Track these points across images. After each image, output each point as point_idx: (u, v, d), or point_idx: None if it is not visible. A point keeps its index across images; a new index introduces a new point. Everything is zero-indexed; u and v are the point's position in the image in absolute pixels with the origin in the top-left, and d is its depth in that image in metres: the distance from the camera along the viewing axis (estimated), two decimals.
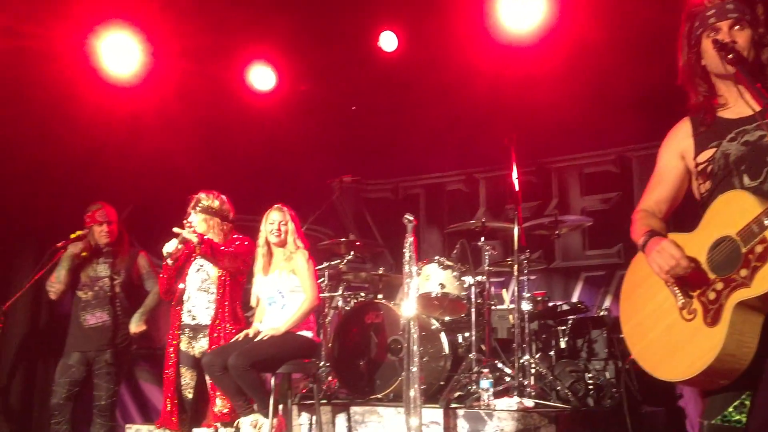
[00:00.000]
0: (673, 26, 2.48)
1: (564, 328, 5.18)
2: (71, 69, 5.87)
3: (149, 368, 6.67)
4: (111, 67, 6.00)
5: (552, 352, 5.15)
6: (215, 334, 4.39)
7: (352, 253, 5.65)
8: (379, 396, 4.85)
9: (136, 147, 6.35)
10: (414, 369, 3.98)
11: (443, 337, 4.97)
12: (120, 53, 5.97)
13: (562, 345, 5.14)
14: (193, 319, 4.52)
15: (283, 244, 4.47)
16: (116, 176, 6.26)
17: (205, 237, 4.30)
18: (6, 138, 5.88)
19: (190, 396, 4.47)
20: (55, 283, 4.76)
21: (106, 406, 4.70)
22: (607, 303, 6.11)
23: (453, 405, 4.41)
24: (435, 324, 5.04)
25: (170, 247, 4.41)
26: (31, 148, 6.01)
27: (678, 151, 2.43)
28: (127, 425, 5.36)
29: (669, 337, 2.23)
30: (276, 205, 4.54)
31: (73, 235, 4.64)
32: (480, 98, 6.29)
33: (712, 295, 2.15)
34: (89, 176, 6.18)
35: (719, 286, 2.14)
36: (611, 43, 5.53)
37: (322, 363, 5.24)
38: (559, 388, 4.56)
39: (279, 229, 4.45)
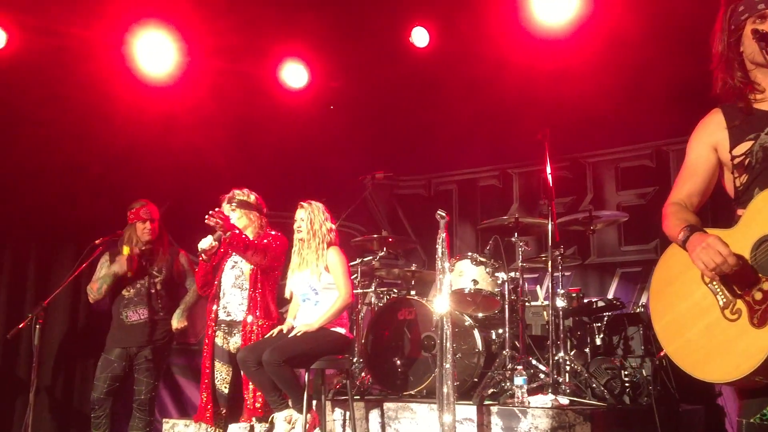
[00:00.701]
0: (711, 17, 2.42)
1: (599, 324, 5.11)
2: (108, 69, 5.97)
3: (186, 363, 6.76)
4: (146, 66, 6.09)
5: (587, 349, 5.09)
6: (248, 330, 4.43)
7: (384, 249, 5.66)
8: (412, 392, 4.85)
9: (170, 145, 6.43)
10: (447, 365, 3.97)
11: (476, 333, 4.95)
12: (155, 53, 6.06)
13: (598, 342, 5.08)
14: (228, 315, 4.57)
15: (310, 240, 4.46)
16: (152, 174, 6.35)
17: (238, 230, 4.33)
18: (45, 137, 6.00)
19: (226, 391, 4.53)
20: (96, 294, 4.85)
21: (146, 400, 4.78)
22: (643, 299, 6.03)
23: (486, 402, 4.39)
24: (468, 320, 5.02)
25: (204, 243, 4.46)
26: (69, 147, 6.13)
27: (710, 143, 2.36)
28: (164, 419, 5.43)
29: (710, 337, 2.17)
30: (300, 203, 4.54)
31: (125, 252, 4.71)
32: (513, 93, 6.24)
33: (758, 296, 2.08)
34: (125, 174, 6.28)
35: (767, 285, 2.07)
36: (647, 35, 5.44)
37: (355, 359, 5.26)
38: (594, 385, 4.50)
39: (301, 227, 4.46)
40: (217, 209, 4.31)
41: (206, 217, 4.18)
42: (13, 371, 6.20)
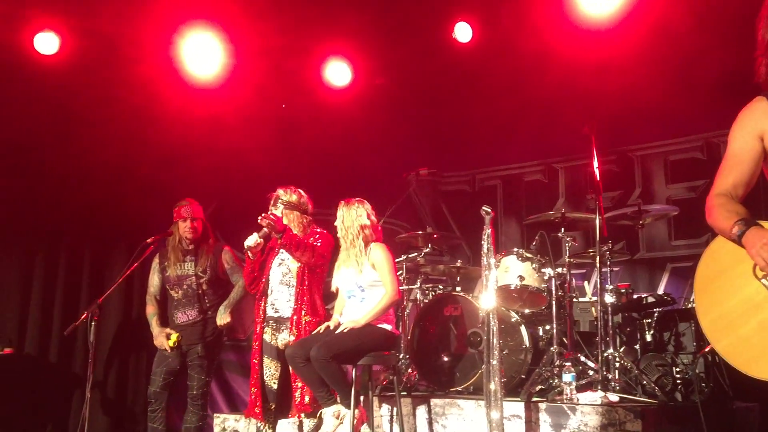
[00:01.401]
0: (761, 4, 2.36)
1: (650, 320, 5.03)
2: (156, 71, 6.10)
3: (235, 359, 6.87)
4: (193, 68, 6.21)
5: (637, 346, 5.01)
6: (295, 327, 4.48)
7: (429, 245, 5.66)
8: (459, 389, 4.85)
9: (216, 145, 6.54)
10: (494, 362, 3.96)
11: (523, 329, 4.92)
12: (202, 55, 6.17)
13: (648, 338, 4.99)
14: (276, 311, 4.63)
15: (345, 238, 4.47)
16: (199, 174, 6.46)
17: (289, 229, 4.38)
18: (97, 138, 6.16)
19: (275, 386, 4.58)
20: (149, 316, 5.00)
21: (198, 395, 4.87)
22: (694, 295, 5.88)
23: (534, 399, 4.36)
24: (515, 317, 4.99)
25: (250, 241, 4.53)
26: (119, 148, 6.28)
27: (756, 131, 2.29)
28: (215, 414, 5.54)
29: (765, 334, 2.11)
30: (341, 202, 4.57)
31: (171, 343, 4.80)
32: (557, 86, 6.18)
33: None
34: (173, 174, 6.40)
35: None
36: (696, 24, 5.32)
37: (401, 355, 5.28)
38: (644, 382, 4.43)
39: (337, 225, 4.49)
40: (269, 213, 4.39)
41: (259, 218, 4.25)
42: (70, 367, 6.39)
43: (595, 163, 4.66)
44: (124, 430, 6.49)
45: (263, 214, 4.25)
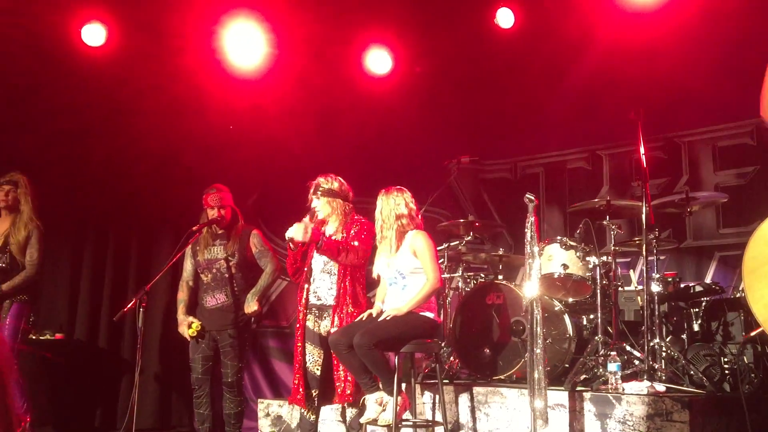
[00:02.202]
0: None
1: (697, 310, 4.93)
2: (199, 62, 6.18)
3: (279, 346, 6.96)
4: (236, 59, 6.27)
5: (684, 335, 4.92)
6: (336, 315, 4.51)
7: (470, 234, 5.63)
8: (501, 377, 4.83)
9: (258, 135, 6.61)
10: (538, 350, 3.93)
11: (567, 318, 4.87)
12: (244, 45, 6.22)
13: (695, 328, 4.90)
14: (318, 299, 4.66)
15: (382, 227, 4.47)
16: (241, 163, 6.54)
17: (324, 228, 4.41)
18: (142, 129, 6.28)
19: (318, 373, 4.62)
20: (179, 301, 5.08)
21: (233, 382, 4.90)
22: (743, 283, 5.75)
23: (579, 388, 4.32)
24: (558, 305, 4.94)
25: (292, 232, 4.57)
26: (165, 138, 6.39)
27: None
28: (260, 400, 5.62)
29: None
30: (381, 191, 4.56)
31: (191, 332, 4.87)
32: (601, 71, 6.08)
33: None
34: (216, 164, 6.49)
35: None
36: (746, 6, 5.17)
37: (443, 343, 5.28)
38: (692, 372, 4.36)
39: (376, 215, 4.50)
40: (310, 215, 4.44)
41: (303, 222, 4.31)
42: (118, 353, 6.56)
43: (642, 150, 4.57)
44: (171, 415, 6.64)
45: (305, 223, 4.32)
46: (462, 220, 5.71)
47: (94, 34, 6.00)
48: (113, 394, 6.46)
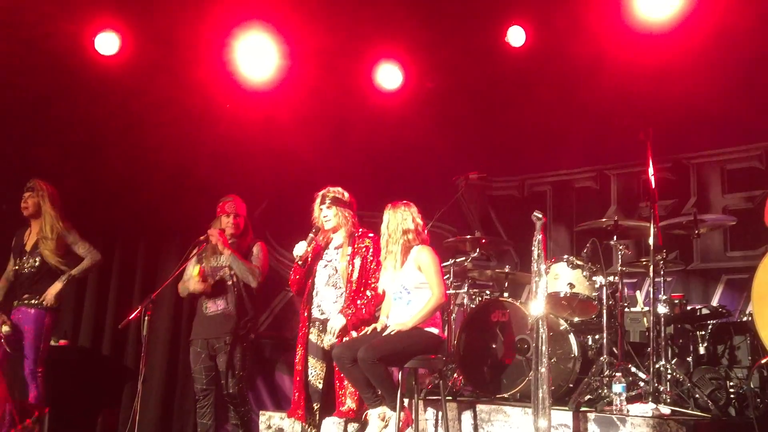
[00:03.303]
0: None
1: (703, 333, 4.90)
2: (211, 74, 6.22)
3: (282, 358, 6.93)
4: (248, 71, 6.31)
5: (690, 358, 4.89)
6: (352, 304, 4.50)
7: (477, 250, 5.62)
8: (505, 395, 4.80)
9: (269, 146, 6.63)
10: (543, 369, 3.91)
11: (572, 338, 4.85)
12: (256, 57, 6.26)
13: (701, 351, 4.87)
14: (322, 313, 4.66)
15: (388, 242, 4.47)
16: (252, 174, 6.56)
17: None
18: (155, 141, 6.32)
19: (320, 386, 4.61)
20: (181, 294, 5.09)
21: (234, 393, 4.88)
22: (751, 308, 5.72)
23: (583, 408, 4.29)
24: (563, 324, 4.92)
25: (299, 250, 4.59)
26: (176, 149, 6.43)
27: None
28: (261, 412, 5.60)
29: None
30: (388, 205, 4.57)
31: (195, 273, 4.87)
32: (612, 91, 6.08)
33: None
34: (228, 174, 6.52)
35: None
36: (757, 27, 5.17)
37: (447, 359, 5.25)
38: (697, 395, 4.32)
39: (382, 229, 4.50)
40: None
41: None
42: (122, 360, 6.55)
43: (651, 171, 4.56)
44: (172, 425, 6.62)
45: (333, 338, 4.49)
46: (469, 237, 5.70)
47: (107, 43, 6.05)
48: (115, 402, 6.45)
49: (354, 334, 4.49)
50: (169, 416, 6.58)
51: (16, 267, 5.20)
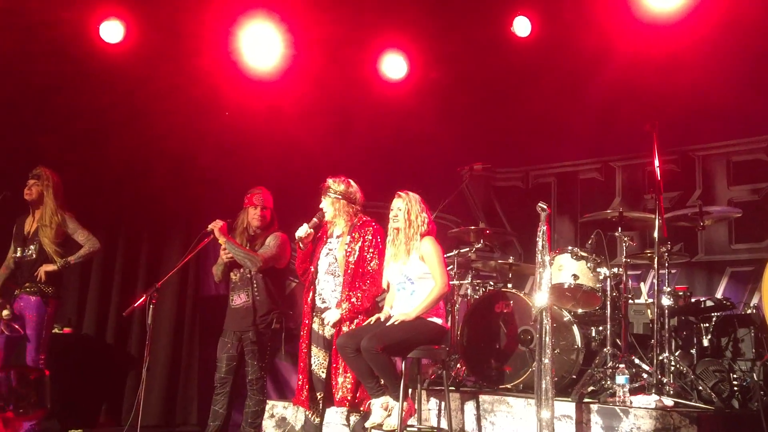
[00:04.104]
0: None
1: (707, 325, 4.90)
2: (215, 63, 6.20)
3: (286, 348, 6.93)
4: (252, 61, 6.29)
5: (693, 350, 4.89)
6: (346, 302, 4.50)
7: (481, 241, 5.62)
8: (508, 386, 4.81)
9: (273, 136, 6.61)
10: (546, 360, 3.91)
11: (576, 329, 4.85)
12: (260, 46, 6.24)
13: (705, 343, 4.87)
14: (323, 302, 4.66)
15: (406, 230, 4.47)
16: (256, 164, 6.54)
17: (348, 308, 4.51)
18: (159, 130, 6.30)
19: (323, 375, 4.61)
20: (216, 278, 5.14)
21: (254, 380, 4.92)
22: (755, 300, 5.73)
23: (586, 399, 4.29)
24: (567, 316, 4.92)
25: (301, 232, 4.60)
26: (180, 138, 6.41)
27: None
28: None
29: None
30: (398, 193, 4.56)
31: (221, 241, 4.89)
32: (618, 82, 6.05)
33: None
34: (231, 164, 6.50)
35: None
36: (764, 21, 5.14)
37: (450, 350, 5.26)
38: (701, 388, 4.33)
39: (398, 216, 4.48)
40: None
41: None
42: (126, 349, 6.57)
43: (656, 162, 4.54)
44: (176, 413, 6.64)
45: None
46: (473, 228, 5.70)
47: (112, 31, 6.03)
48: (119, 390, 6.47)
49: (352, 327, 4.49)
50: (172, 404, 6.60)
51: (16, 255, 5.24)
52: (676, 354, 4.65)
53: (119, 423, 6.24)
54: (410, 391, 4.38)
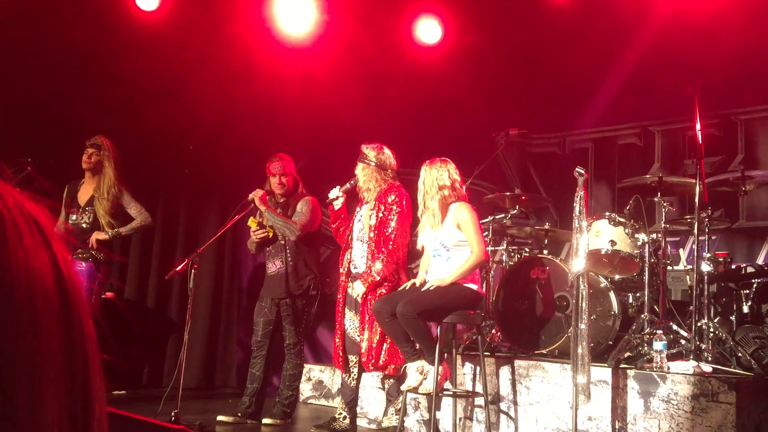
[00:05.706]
0: None
1: (747, 291, 4.80)
2: (249, 30, 6.20)
3: (320, 311, 7.02)
4: (286, 27, 6.27)
5: (733, 317, 4.81)
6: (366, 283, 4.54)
7: (516, 207, 5.58)
8: (543, 351, 4.81)
9: (307, 103, 6.62)
10: (582, 326, 3.90)
11: (612, 295, 4.81)
12: (294, 12, 6.21)
13: (745, 309, 4.78)
14: (355, 267, 4.70)
15: (425, 198, 4.46)
16: (291, 132, 6.57)
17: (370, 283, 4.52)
18: (194, 98, 6.34)
19: (358, 339, 4.67)
20: (250, 250, 5.22)
21: (291, 345, 5.02)
22: None
23: (622, 365, 4.28)
24: (604, 282, 4.88)
25: (332, 194, 4.66)
26: (216, 107, 6.45)
27: None
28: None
29: None
30: (426, 161, 4.54)
31: (250, 223, 4.94)
32: (658, 45, 5.90)
33: None
34: (267, 132, 6.54)
35: None
36: None
37: (485, 315, 5.27)
38: (740, 354, 4.27)
39: (419, 187, 4.48)
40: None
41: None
42: (166, 313, 6.73)
43: (698, 126, 4.45)
44: (215, 376, 6.80)
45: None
46: (508, 194, 5.65)
47: None
48: (160, 353, 6.64)
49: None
50: (211, 368, 6.76)
51: (70, 221, 5.25)
52: (715, 320, 4.59)
53: (160, 385, 6.42)
54: (446, 355, 4.41)
